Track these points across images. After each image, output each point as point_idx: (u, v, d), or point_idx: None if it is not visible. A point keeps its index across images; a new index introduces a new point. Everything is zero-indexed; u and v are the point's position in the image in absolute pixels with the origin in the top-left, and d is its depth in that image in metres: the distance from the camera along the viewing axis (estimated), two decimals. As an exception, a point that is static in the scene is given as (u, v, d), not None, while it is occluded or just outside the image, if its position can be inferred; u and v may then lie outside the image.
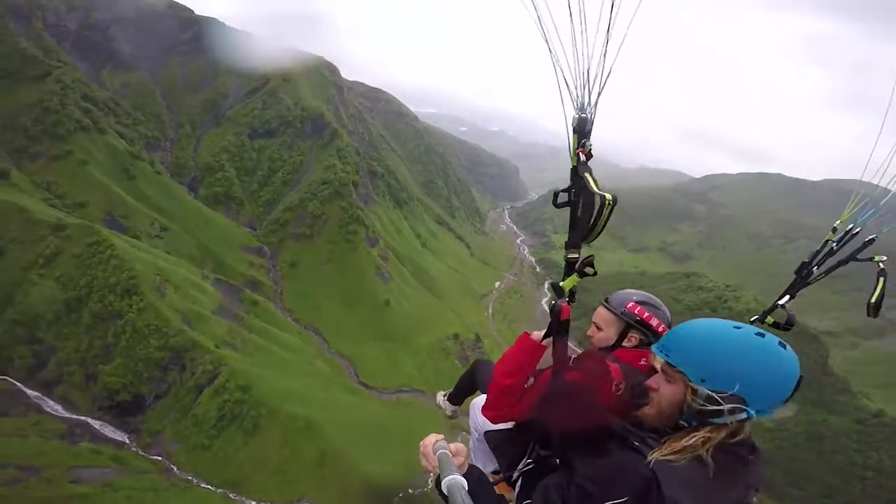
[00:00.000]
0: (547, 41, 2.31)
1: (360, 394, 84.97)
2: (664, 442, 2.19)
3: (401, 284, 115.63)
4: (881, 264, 3.41)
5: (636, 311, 3.34)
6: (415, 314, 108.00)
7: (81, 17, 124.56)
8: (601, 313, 3.49)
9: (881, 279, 3.29)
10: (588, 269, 2.71)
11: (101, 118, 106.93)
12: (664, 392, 2.31)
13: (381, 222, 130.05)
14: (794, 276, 3.49)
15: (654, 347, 2.42)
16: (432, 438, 2.42)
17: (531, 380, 3.21)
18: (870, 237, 3.45)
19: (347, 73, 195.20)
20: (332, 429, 69.49)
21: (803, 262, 3.43)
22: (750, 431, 2.19)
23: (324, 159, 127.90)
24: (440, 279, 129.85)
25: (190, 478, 64.28)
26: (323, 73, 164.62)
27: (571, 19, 2.24)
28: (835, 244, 3.42)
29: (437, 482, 2.14)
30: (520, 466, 3.10)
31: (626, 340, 3.37)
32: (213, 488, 63.30)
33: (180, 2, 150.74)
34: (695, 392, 2.16)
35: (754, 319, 3.22)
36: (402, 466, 63.12)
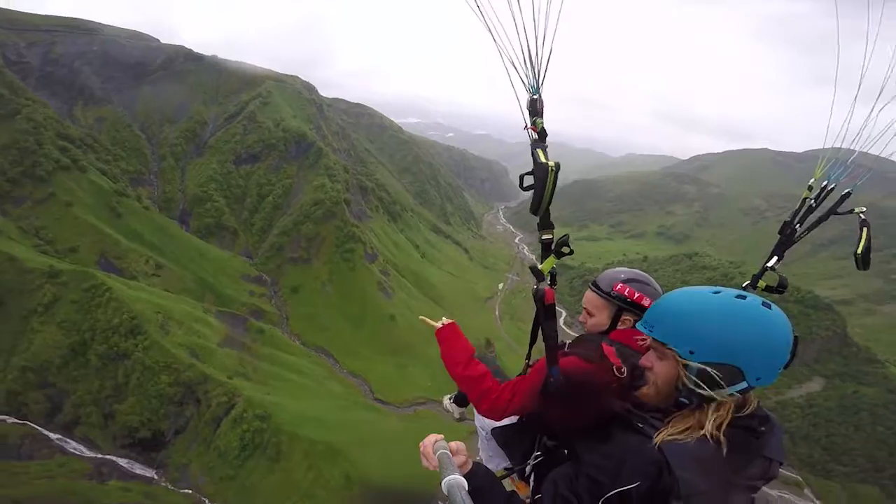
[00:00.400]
0: (490, 28, 2.32)
1: (376, 411, 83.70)
2: (668, 422, 2.12)
3: (404, 297, 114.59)
4: (862, 215, 3.46)
5: (626, 292, 3.13)
6: (421, 326, 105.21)
7: (43, 52, 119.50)
8: (590, 297, 3.29)
9: (864, 229, 3.35)
10: (564, 249, 2.54)
11: (81, 156, 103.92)
12: (658, 370, 2.21)
13: (377, 237, 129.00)
14: (778, 237, 3.52)
15: (638, 325, 2.34)
16: (432, 438, 2.32)
17: (527, 371, 3.18)
18: (846, 191, 3.56)
19: (325, 91, 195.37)
20: (354, 449, 68.45)
21: (785, 222, 3.47)
22: (759, 402, 2.10)
23: (312, 179, 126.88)
24: (443, 288, 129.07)
25: (222, 508, 63.46)
26: (301, 93, 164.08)
27: (510, 5, 2.28)
28: (813, 202, 3.51)
29: None
30: (530, 460, 3.04)
31: (619, 323, 3.16)
32: (246, 517, 62.34)
33: (145, 31, 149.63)
34: (686, 366, 2.08)
35: (746, 285, 3.26)
36: (427, 480, 61.83)
